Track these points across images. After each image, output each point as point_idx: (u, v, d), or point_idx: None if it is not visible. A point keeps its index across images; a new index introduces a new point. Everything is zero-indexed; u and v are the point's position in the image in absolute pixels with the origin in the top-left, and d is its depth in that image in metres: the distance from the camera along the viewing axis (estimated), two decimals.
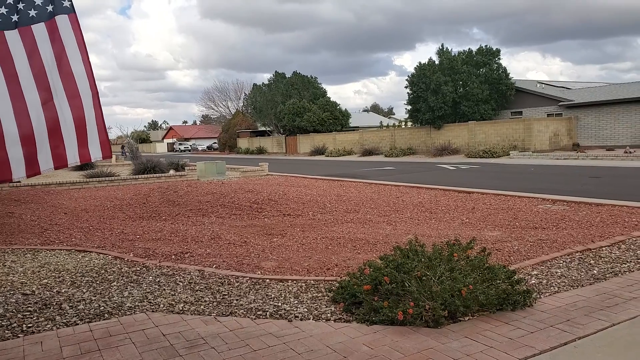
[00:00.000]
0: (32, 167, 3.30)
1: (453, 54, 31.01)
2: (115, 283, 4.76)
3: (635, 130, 25.16)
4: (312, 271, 5.02)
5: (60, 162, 3.38)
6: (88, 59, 3.48)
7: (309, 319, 3.74)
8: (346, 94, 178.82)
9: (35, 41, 3.33)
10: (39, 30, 3.35)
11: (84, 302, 4.20)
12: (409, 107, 32.22)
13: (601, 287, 4.26)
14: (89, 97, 3.45)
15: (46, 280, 4.88)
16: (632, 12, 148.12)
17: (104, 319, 3.83)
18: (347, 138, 39.14)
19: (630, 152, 21.39)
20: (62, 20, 3.41)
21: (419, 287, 3.63)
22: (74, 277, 5.00)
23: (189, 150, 71.67)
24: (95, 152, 3.50)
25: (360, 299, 3.80)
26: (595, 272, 4.68)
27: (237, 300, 4.19)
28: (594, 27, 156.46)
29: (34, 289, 4.60)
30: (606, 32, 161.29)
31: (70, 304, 4.15)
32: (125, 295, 4.38)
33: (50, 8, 3.40)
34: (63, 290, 4.55)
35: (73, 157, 3.42)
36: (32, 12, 3.35)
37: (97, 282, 4.79)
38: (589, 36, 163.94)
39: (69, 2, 3.46)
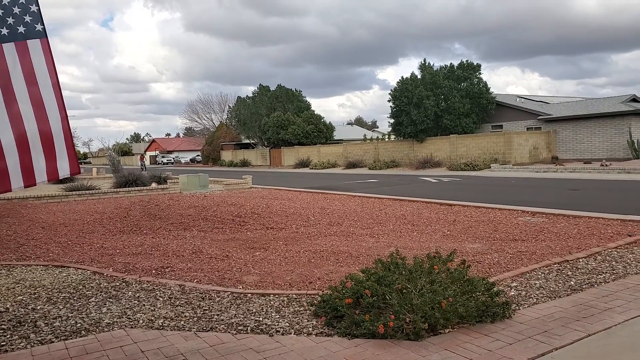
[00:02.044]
0: (3, 184, 3.27)
1: (435, 69, 31.54)
2: (93, 299, 4.67)
3: (611, 144, 25.80)
4: (294, 285, 5.01)
5: (29, 180, 3.36)
6: (58, 83, 3.49)
7: (291, 334, 3.72)
8: (330, 107, 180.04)
9: (5, 59, 3.33)
10: (9, 50, 3.35)
11: (60, 319, 4.11)
12: (392, 121, 32.57)
13: (578, 298, 4.33)
14: (58, 122, 3.46)
15: (21, 297, 4.77)
16: (606, 29, 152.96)
17: (80, 336, 3.75)
18: (331, 151, 39.30)
19: (606, 165, 21.89)
20: (33, 45, 3.42)
21: (399, 300, 3.65)
22: (50, 293, 4.90)
23: (172, 163, 71.10)
24: (63, 168, 3.49)
25: (342, 312, 3.80)
26: (573, 283, 4.77)
27: (218, 315, 4.15)
28: (571, 43, 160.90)
29: (7, 306, 4.50)
30: (582, 49, 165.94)
31: (46, 321, 4.07)
32: (103, 311, 4.31)
33: (21, 29, 3.40)
34: (38, 307, 4.45)
35: (41, 175, 3.41)
36: (4, 31, 3.35)
37: (75, 298, 4.70)
38: (566, 52, 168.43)
39: (42, 27, 3.46)
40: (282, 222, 9.35)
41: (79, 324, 3.99)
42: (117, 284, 5.19)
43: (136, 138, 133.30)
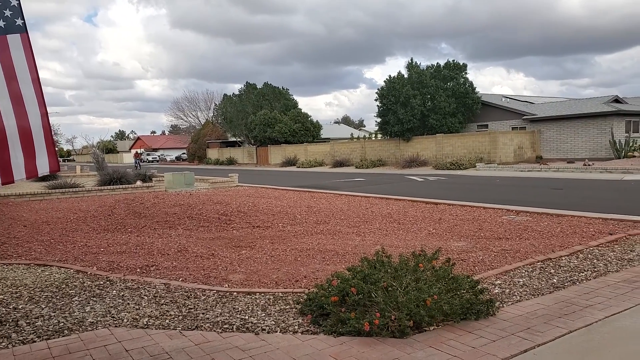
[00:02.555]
0: None
1: (422, 68, 31.71)
2: (76, 298, 4.62)
3: (593, 143, 26.23)
4: (280, 283, 5.01)
5: (7, 177, 3.31)
6: (38, 79, 3.44)
7: (276, 332, 3.72)
8: (317, 106, 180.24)
9: None
10: None
11: (42, 319, 4.05)
12: (379, 120, 32.70)
13: (560, 295, 4.40)
14: (37, 118, 3.41)
15: (2, 296, 4.69)
16: (589, 31, 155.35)
17: (63, 336, 3.70)
18: (318, 149, 39.30)
19: (589, 165, 22.26)
20: (13, 39, 3.36)
21: (385, 298, 3.67)
22: (32, 292, 4.83)
23: (157, 161, 70.44)
24: (42, 166, 3.45)
25: (327, 310, 3.81)
26: (555, 280, 4.84)
27: (203, 313, 4.13)
28: (555, 44, 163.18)
29: None
30: (566, 50, 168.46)
31: (28, 321, 4.01)
32: (87, 310, 4.26)
33: (1, 24, 3.34)
34: (20, 307, 4.38)
35: (19, 172, 3.36)
36: None
37: (57, 297, 4.64)
38: (550, 53, 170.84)
39: (22, 21, 3.41)
40: (269, 220, 9.33)
41: (62, 323, 3.93)
42: (101, 282, 5.13)
43: (121, 135, 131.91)
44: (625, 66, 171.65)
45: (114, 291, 4.79)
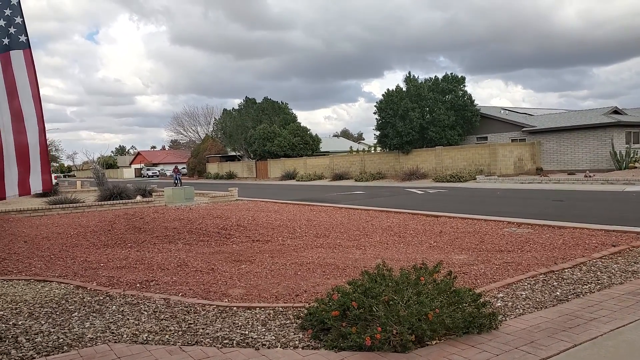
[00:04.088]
0: None
1: (420, 81, 31.91)
2: (76, 313, 4.58)
3: (594, 155, 26.25)
4: (280, 298, 4.97)
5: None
6: (39, 95, 3.46)
7: (277, 347, 3.68)
8: (316, 120, 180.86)
9: None
10: None
11: (42, 335, 4.02)
12: (377, 133, 32.80)
13: (564, 308, 4.36)
14: (35, 135, 3.43)
15: (1, 312, 4.66)
16: (586, 43, 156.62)
17: (62, 352, 3.66)
18: (317, 163, 39.35)
19: (589, 176, 22.26)
20: (16, 55, 3.40)
21: (386, 312, 3.64)
22: (32, 308, 4.79)
23: (157, 176, 70.49)
24: (36, 184, 3.45)
25: (328, 325, 3.77)
26: (558, 293, 4.80)
27: (203, 329, 4.09)
28: (553, 56, 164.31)
29: None
30: (564, 62, 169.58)
31: (27, 337, 3.97)
32: (86, 325, 4.22)
33: (6, 41, 3.38)
34: (20, 323, 4.35)
35: (12, 189, 3.36)
36: None
37: (57, 313, 4.60)
38: (548, 65, 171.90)
39: (25, 38, 3.45)
40: (268, 234, 9.30)
41: (61, 339, 3.90)
42: (101, 298, 5.09)
43: (121, 151, 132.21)
44: (623, 77, 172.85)
45: (114, 306, 4.76)
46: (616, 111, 29.58)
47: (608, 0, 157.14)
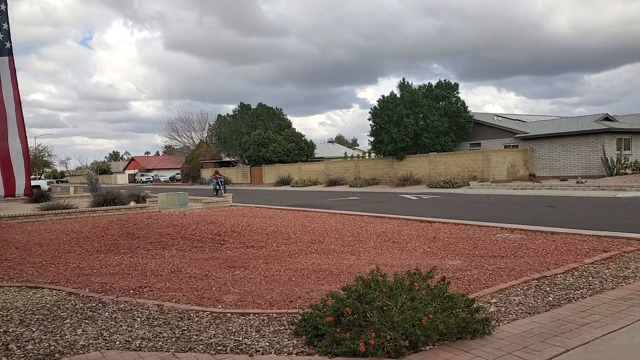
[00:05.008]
0: None
1: (414, 88, 32.09)
2: (68, 320, 4.54)
3: (586, 161, 26.47)
4: (274, 304, 4.96)
5: None
6: (19, 100, 3.49)
7: (271, 353, 3.67)
8: (311, 126, 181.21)
9: None
10: None
11: (33, 342, 3.98)
12: (372, 139, 32.91)
13: (556, 313, 4.39)
14: (16, 140, 3.46)
15: None
16: (578, 50, 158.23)
17: (54, 359, 3.63)
18: (312, 168, 39.38)
19: (581, 182, 22.42)
20: (2, 62, 3.43)
21: (380, 318, 3.65)
22: (23, 315, 4.75)
23: (151, 182, 70.22)
24: (20, 188, 3.48)
25: (322, 331, 3.77)
26: (551, 299, 4.83)
27: (197, 335, 4.07)
28: (545, 64, 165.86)
29: None
30: (556, 69, 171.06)
31: (18, 344, 3.93)
32: (78, 332, 4.19)
33: None
34: (10, 330, 4.31)
35: None
36: None
37: (49, 320, 4.56)
38: (540, 72, 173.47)
39: (9, 44, 3.47)
40: (263, 240, 9.28)
41: (53, 347, 3.87)
42: (94, 304, 5.06)
43: (115, 156, 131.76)
44: (614, 85, 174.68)
45: (107, 313, 4.73)
46: (607, 118, 29.88)
47: (598, 10, 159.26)
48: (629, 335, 3.78)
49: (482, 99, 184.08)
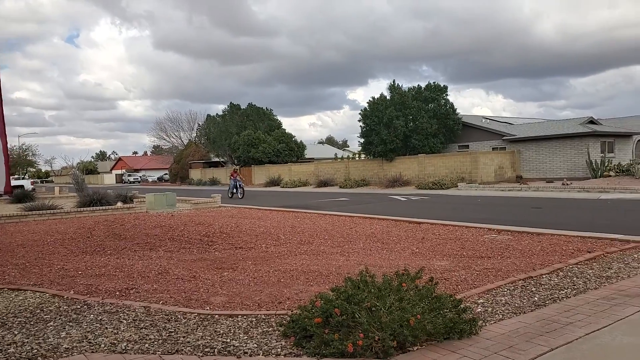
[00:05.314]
0: None
1: (404, 90, 32.22)
2: (51, 323, 4.48)
3: (571, 163, 26.81)
4: (263, 305, 4.94)
5: None
6: (1, 100, 3.44)
7: (259, 355, 3.65)
8: (301, 126, 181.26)
9: None
10: None
11: (14, 345, 3.92)
12: (362, 140, 32.99)
13: (541, 313, 4.43)
14: None
15: None
16: (564, 55, 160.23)
17: None
18: (302, 169, 39.35)
19: (567, 184, 22.70)
20: None
21: (368, 318, 3.65)
22: (4, 318, 4.67)
23: (139, 182, 69.61)
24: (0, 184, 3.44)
25: (311, 332, 3.76)
26: (536, 299, 4.88)
27: (184, 337, 4.04)
28: (532, 67, 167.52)
29: None
30: (543, 73, 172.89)
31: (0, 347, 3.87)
32: (62, 335, 4.13)
33: None
34: None
35: None
36: None
37: (31, 323, 4.49)
38: (527, 76, 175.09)
39: None
40: (252, 241, 9.25)
41: (35, 350, 3.81)
42: (78, 306, 5.00)
43: (102, 156, 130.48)
44: (598, 89, 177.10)
45: (92, 315, 4.67)
46: (592, 121, 30.30)
47: (584, 16, 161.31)
48: (611, 334, 3.83)
49: (471, 102, 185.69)
